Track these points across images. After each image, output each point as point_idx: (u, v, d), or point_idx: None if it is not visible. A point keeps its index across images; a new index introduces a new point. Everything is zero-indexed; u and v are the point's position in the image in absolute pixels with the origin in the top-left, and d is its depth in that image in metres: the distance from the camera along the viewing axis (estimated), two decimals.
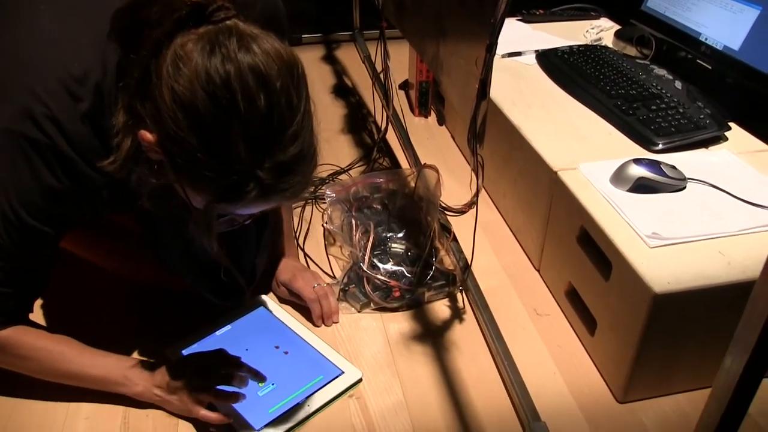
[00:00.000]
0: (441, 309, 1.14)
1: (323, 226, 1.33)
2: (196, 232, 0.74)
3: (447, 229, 1.26)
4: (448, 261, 1.22)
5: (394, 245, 1.21)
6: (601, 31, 1.67)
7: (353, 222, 1.24)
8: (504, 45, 1.54)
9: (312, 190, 1.44)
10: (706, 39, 1.32)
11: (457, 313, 1.13)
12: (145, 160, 0.72)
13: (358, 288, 1.14)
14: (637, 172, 1.02)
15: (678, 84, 1.29)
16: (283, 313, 1.10)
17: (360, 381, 0.99)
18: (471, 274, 1.15)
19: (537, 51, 1.52)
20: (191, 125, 0.64)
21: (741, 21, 1.23)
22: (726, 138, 1.17)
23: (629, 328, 0.90)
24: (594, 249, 0.99)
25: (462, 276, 1.16)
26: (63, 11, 0.79)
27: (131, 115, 0.71)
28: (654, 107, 1.21)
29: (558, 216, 1.11)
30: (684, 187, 1.03)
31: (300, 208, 1.39)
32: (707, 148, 1.15)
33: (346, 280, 1.16)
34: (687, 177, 1.04)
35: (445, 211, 1.34)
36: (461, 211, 1.36)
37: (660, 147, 1.13)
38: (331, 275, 1.21)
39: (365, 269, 1.15)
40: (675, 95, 1.24)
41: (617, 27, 1.67)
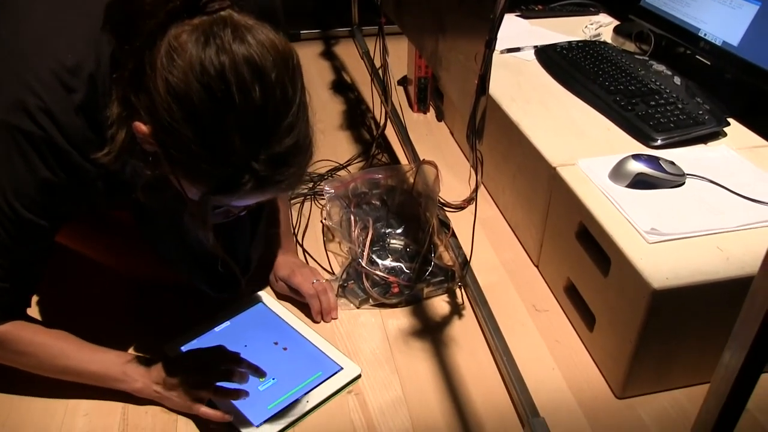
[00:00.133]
0: (440, 305, 1.14)
1: (322, 222, 1.33)
2: (191, 224, 0.74)
3: (446, 225, 1.26)
4: (446, 257, 1.22)
5: (392, 241, 1.21)
6: (600, 27, 1.67)
7: (352, 218, 1.24)
8: (503, 41, 1.54)
9: (311, 185, 1.44)
10: (705, 35, 1.32)
11: (456, 309, 1.13)
12: (140, 151, 0.72)
13: (356, 284, 1.14)
14: (636, 167, 1.02)
15: (677, 80, 1.29)
16: (282, 310, 1.10)
17: (359, 377, 0.99)
18: (470, 269, 1.15)
19: (536, 47, 1.52)
20: (186, 117, 0.64)
21: (740, 16, 1.23)
22: (725, 134, 1.17)
23: (628, 323, 0.90)
24: (593, 245, 0.99)
25: (461, 272, 1.16)
26: (57, 3, 0.78)
27: (125, 107, 0.71)
28: (653, 103, 1.21)
29: (557, 212, 1.11)
30: (683, 183, 1.03)
31: (299, 204, 1.39)
32: (706, 143, 1.15)
33: (344, 276, 1.16)
34: (686, 173, 1.04)
35: (444, 207, 1.34)
36: (460, 207, 1.36)
37: (659, 143, 1.13)
38: (330, 271, 1.21)
39: (364, 265, 1.15)
40: (674, 91, 1.24)
41: (616, 23, 1.66)
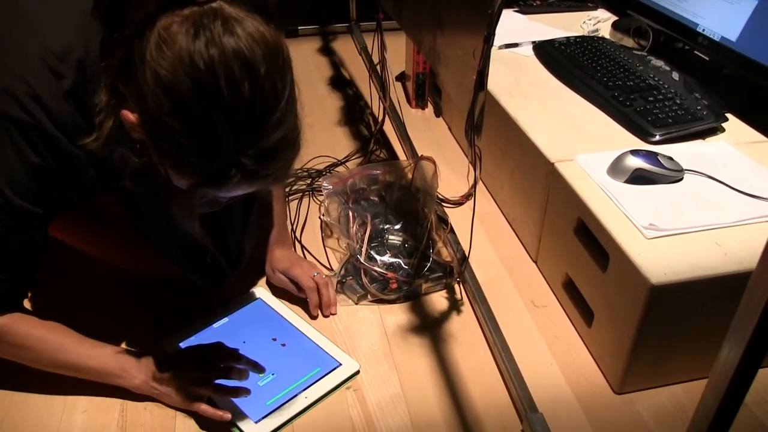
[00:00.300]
0: (438, 301, 1.14)
1: (320, 218, 1.33)
2: (178, 213, 0.74)
3: (444, 221, 1.26)
4: (445, 253, 1.22)
5: (391, 237, 1.21)
6: (598, 22, 1.66)
7: (350, 214, 1.24)
8: (501, 36, 1.54)
9: (309, 182, 1.44)
10: (703, 30, 1.32)
11: (455, 305, 1.13)
12: (128, 139, 0.71)
13: (355, 280, 1.14)
14: (634, 163, 1.02)
15: (675, 75, 1.29)
16: (281, 306, 1.10)
17: (357, 373, 0.99)
18: (468, 265, 1.15)
19: (534, 42, 1.52)
20: (174, 110, 0.64)
21: (739, 12, 1.23)
22: (723, 129, 1.17)
23: (626, 319, 0.90)
24: (591, 240, 0.99)
25: (459, 267, 1.16)
26: None
27: (114, 95, 0.70)
28: (651, 98, 1.21)
29: (555, 207, 1.11)
30: (681, 179, 1.03)
31: (297, 200, 1.39)
32: (704, 139, 1.15)
33: (343, 272, 1.16)
34: (684, 168, 1.04)
35: (442, 203, 1.33)
36: (458, 203, 1.35)
37: (657, 138, 1.13)
38: (329, 267, 1.21)
39: (362, 261, 1.15)
40: (672, 86, 1.24)
41: (614, 18, 1.66)
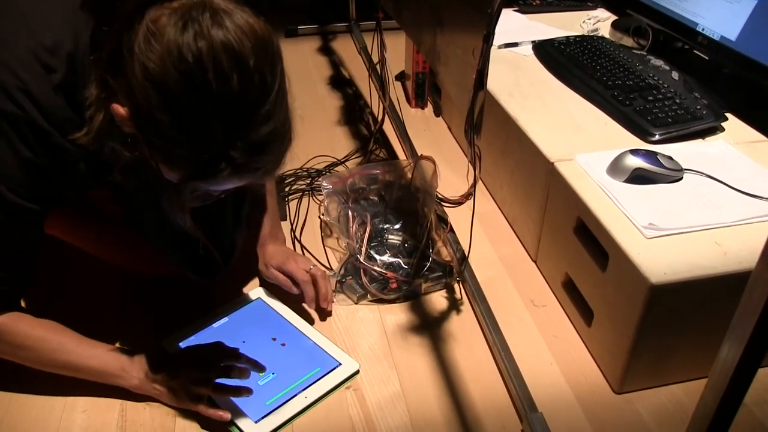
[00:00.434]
0: (438, 300, 1.14)
1: (320, 217, 1.33)
2: (169, 207, 0.74)
3: (444, 221, 1.26)
4: (444, 252, 1.22)
5: (390, 237, 1.21)
6: (598, 22, 1.66)
7: (350, 213, 1.24)
8: (501, 35, 1.53)
9: (309, 181, 1.44)
10: (703, 29, 1.32)
11: (454, 305, 1.13)
12: (119, 133, 0.71)
13: (354, 280, 1.14)
14: (634, 162, 1.02)
15: (675, 74, 1.29)
16: (281, 306, 1.10)
17: (357, 372, 0.99)
18: (468, 265, 1.15)
19: (534, 42, 1.52)
20: (163, 103, 0.63)
21: (738, 11, 1.23)
22: (723, 128, 1.17)
23: (626, 318, 0.90)
24: (591, 240, 0.99)
25: (459, 267, 1.16)
26: None
27: (103, 89, 0.70)
28: (651, 98, 1.21)
29: (555, 207, 1.11)
30: (681, 178, 1.03)
31: (297, 200, 1.39)
32: (704, 138, 1.15)
33: (342, 271, 1.16)
34: (684, 168, 1.04)
35: (442, 203, 1.34)
36: (458, 203, 1.36)
37: (657, 137, 1.13)
38: (328, 267, 1.21)
39: (362, 261, 1.15)
40: (672, 86, 1.24)
41: (614, 17, 1.66)
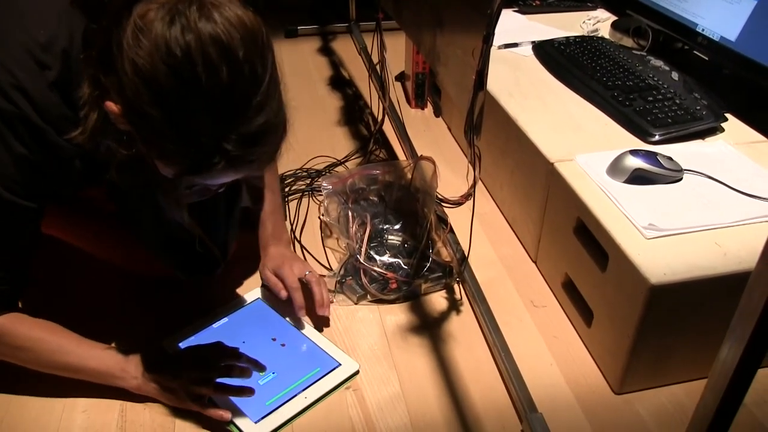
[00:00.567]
0: (438, 301, 1.14)
1: (320, 218, 1.33)
2: (166, 203, 0.74)
3: (444, 221, 1.26)
4: (444, 253, 1.22)
5: (390, 237, 1.21)
6: (598, 22, 1.66)
7: (350, 214, 1.24)
8: (501, 36, 1.53)
9: (308, 182, 1.44)
10: (703, 30, 1.32)
11: (454, 305, 1.13)
12: (115, 131, 0.71)
13: (354, 280, 1.14)
14: (634, 163, 1.02)
15: (675, 75, 1.29)
16: (281, 306, 1.10)
17: (357, 373, 0.99)
18: (468, 265, 1.15)
19: (533, 42, 1.52)
20: (153, 98, 0.63)
21: (738, 12, 1.23)
22: (722, 129, 1.17)
23: (626, 319, 0.90)
24: (591, 240, 0.99)
25: (459, 267, 1.16)
26: None
27: (96, 87, 0.70)
28: (650, 98, 1.21)
29: (555, 207, 1.11)
30: (680, 179, 1.03)
31: (296, 200, 1.39)
32: (704, 139, 1.15)
33: (342, 272, 1.16)
34: (683, 168, 1.04)
35: (442, 203, 1.33)
36: (458, 203, 1.35)
37: (656, 138, 1.13)
38: (328, 267, 1.21)
39: (362, 261, 1.15)
40: (671, 86, 1.24)
41: (614, 18, 1.66)
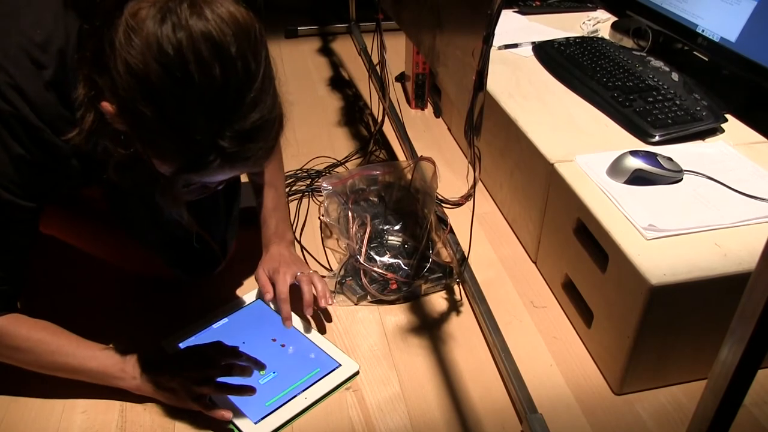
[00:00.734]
0: (438, 301, 1.14)
1: (320, 218, 1.33)
2: (164, 202, 0.73)
3: (444, 222, 1.26)
4: (444, 253, 1.22)
5: (390, 238, 1.21)
6: (598, 23, 1.66)
7: (350, 214, 1.24)
8: (501, 36, 1.54)
9: (309, 182, 1.44)
10: (703, 31, 1.32)
11: (454, 306, 1.13)
12: (111, 131, 0.71)
13: (354, 280, 1.14)
14: (634, 164, 1.02)
15: (675, 76, 1.29)
16: None
17: (357, 373, 0.99)
18: (468, 266, 1.15)
19: (534, 43, 1.52)
20: (147, 97, 0.63)
21: (738, 12, 1.23)
22: (722, 130, 1.17)
23: (626, 319, 0.90)
24: (591, 241, 0.99)
25: (459, 268, 1.16)
26: None
27: (91, 87, 0.70)
28: (651, 99, 1.21)
29: (555, 208, 1.11)
30: (680, 179, 1.03)
31: (296, 201, 1.39)
32: (704, 139, 1.15)
33: (342, 272, 1.16)
34: (683, 169, 1.04)
35: (442, 204, 1.33)
36: (458, 204, 1.35)
37: (657, 139, 1.13)
38: (328, 268, 1.21)
39: (362, 262, 1.15)
40: (672, 87, 1.24)
41: (614, 19, 1.66)
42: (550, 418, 0.89)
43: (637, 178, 1.02)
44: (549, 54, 1.45)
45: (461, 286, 1.16)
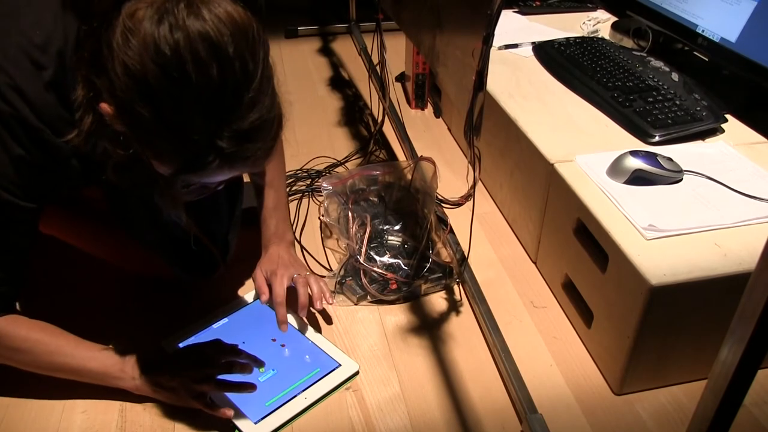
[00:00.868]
0: (438, 301, 1.14)
1: (320, 218, 1.33)
2: (163, 203, 0.73)
3: (444, 222, 1.26)
4: (444, 253, 1.22)
5: (390, 238, 1.21)
6: (598, 23, 1.66)
7: (350, 214, 1.24)
8: (501, 37, 1.54)
9: (309, 182, 1.44)
10: (703, 31, 1.32)
11: (454, 306, 1.13)
12: (110, 132, 0.71)
13: (354, 280, 1.14)
14: (634, 164, 1.02)
15: (675, 76, 1.29)
16: None
17: (357, 373, 0.99)
18: (467, 266, 1.15)
19: (534, 43, 1.52)
20: (144, 98, 0.63)
21: (738, 13, 1.23)
22: (722, 130, 1.17)
23: (626, 320, 0.90)
24: (591, 241, 0.99)
25: (459, 268, 1.16)
26: None
27: (90, 89, 0.70)
28: (651, 99, 1.21)
29: (555, 208, 1.11)
30: (680, 179, 1.03)
31: (296, 201, 1.39)
32: (704, 140, 1.15)
33: (342, 272, 1.16)
34: (683, 169, 1.04)
35: (442, 204, 1.33)
36: (458, 204, 1.36)
37: (657, 139, 1.13)
38: (328, 268, 1.21)
39: (362, 262, 1.15)
40: (672, 87, 1.24)
41: (614, 19, 1.66)
42: (550, 418, 0.89)
43: (637, 178, 1.02)
44: (549, 54, 1.45)
45: (461, 286, 1.16)
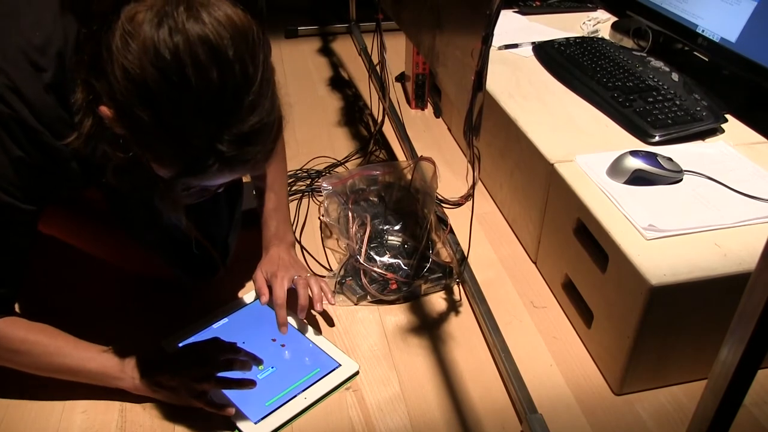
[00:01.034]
0: (438, 301, 1.14)
1: (320, 218, 1.33)
2: (163, 206, 0.73)
3: (443, 222, 1.26)
4: (444, 253, 1.22)
5: (390, 238, 1.21)
6: (598, 23, 1.66)
7: (350, 214, 1.24)
8: (500, 36, 1.54)
9: (309, 182, 1.44)
10: (703, 31, 1.32)
11: (454, 306, 1.13)
12: (110, 135, 0.71)
13: (354, 281, 1.14)
14: (634, 164, 1.02)
15: (675, 76, 1.29)
16: None
17: (357, 373, 0.99)
18: (467, 266, 1.15)
19: (534, 43, 1.52)
20: (144, 102, 0.63)
21: (738, 13, 1.23)
22: (722, 130, 1.17)
23: (626, 320, 0.90)
24: (591, 241, 0.99)
25: (459, 268, 1.16)
26: None
27: (89, 92, 0.70)
28: (651, 99, 1.21)
29: (555, 208, 1.11)
30: (680, 179, 1.03)
31: (296, 201, 1.39)
32: (704, 140, 1.15)
33: (342, 272, 1.16)
34: (683, 169, 1.04)
35: (442, 204, 1.33)
36: (458, 204, 1.36)
37: (657, 139, 1.13)
38: (328, 268, 1.21)
39: (362, 262, 1.15)
40: (672, 87, 1.24)
41: (614, 19, 1.66)
42: (550, 418, 0.89)
43: (637, 178, 1.02)
44: (549, 54, 1.45)
45: (461, 286, 1.16)
